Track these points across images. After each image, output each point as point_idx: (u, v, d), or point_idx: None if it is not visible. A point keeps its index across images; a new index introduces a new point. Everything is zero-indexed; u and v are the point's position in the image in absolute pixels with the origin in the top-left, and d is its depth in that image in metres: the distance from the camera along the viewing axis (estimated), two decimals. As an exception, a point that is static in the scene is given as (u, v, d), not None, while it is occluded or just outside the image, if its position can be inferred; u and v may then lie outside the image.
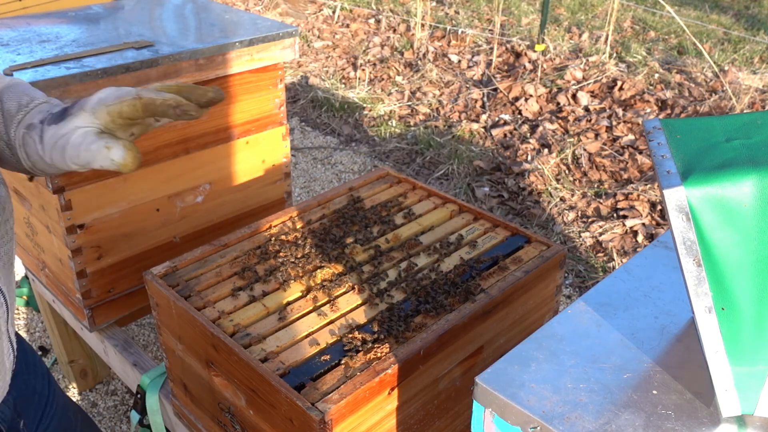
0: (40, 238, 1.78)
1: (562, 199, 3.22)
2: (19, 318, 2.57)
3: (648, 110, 3.86)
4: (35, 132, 0.88)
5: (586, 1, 6.09)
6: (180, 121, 0.90)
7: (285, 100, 1.89)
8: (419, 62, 4.73)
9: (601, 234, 2.97)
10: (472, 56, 4.78)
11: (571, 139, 3.63)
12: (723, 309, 0.72)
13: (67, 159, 0.86)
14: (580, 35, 5.09)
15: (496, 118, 3.95)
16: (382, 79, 4.59)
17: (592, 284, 2.50)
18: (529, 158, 3.51)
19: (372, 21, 5.64)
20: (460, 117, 4.03)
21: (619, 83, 4.08)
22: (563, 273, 1.50)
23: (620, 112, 3.83)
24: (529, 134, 3.76)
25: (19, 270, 2.50)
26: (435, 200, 1.66)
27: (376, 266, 1.42)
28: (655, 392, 0.82)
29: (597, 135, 3.68)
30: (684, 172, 0.70)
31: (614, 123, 3.75)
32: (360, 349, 1.19)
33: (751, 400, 0.76)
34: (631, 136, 3.63)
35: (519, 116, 3.96)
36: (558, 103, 4.02)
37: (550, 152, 3.55)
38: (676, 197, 0.68)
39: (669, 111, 3.86)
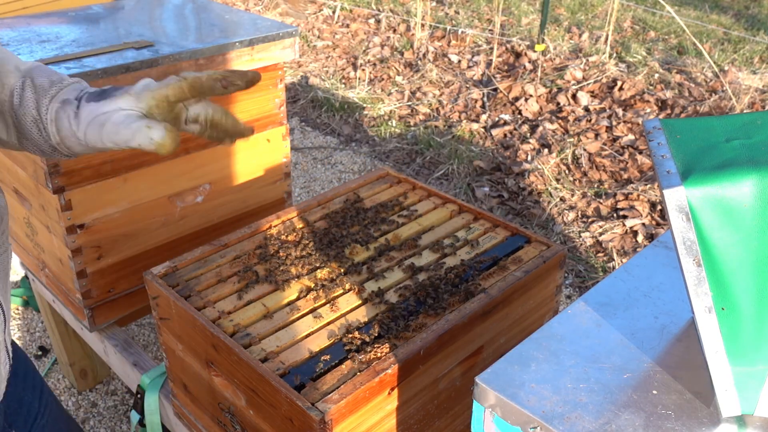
0: (40, 238, 1.78)
1: (562, 199, 3.22)
2: (19, 318, 2.57)
3: (648, 110, 3.86)
4: (70, 107, 0.88)
5: (586, 1, 6.09)
6: (227, 93, 0.92)
7: (285, 100, 1.89)
8: (419, 62, 4.73)
9: (601, 234, 2.97)
10: (472, 56, 4.78)
11: (571, 139, 3.63)
12: (723, 309, 0.72)
13: (104, 136, 0.87)
14: (580, 35, 5.09)
15: (496, 118, 3.95)
16: (382, 79, 4.59)
17: (592, 284, 2.50)
18: (529, 158, 3.51)
19: (372, 21, 5.64)
20: (460, 117, 4.03)
21: (619, 83, 4.08)
22: (563, 273, 1.50)
23: (620, 112, 3.83)
24: (529, 134, 3.76)
25: (19, 270, 2.50)
26: (435, 200, 1.66)
27: (376, 266, 1.42)
28: (655, 392, 0.82)
29: (597, 135, 3.68)
30: (684, 172, 0.70)
31: (614, 123, 3.75)
32: (360, 349, 1.19)
33: (751, 400, 0.76)
34: (631, 136, 3.63)
35: (519, 116, 3.96)
36: (558, 103, 4.02)
37: (550, 152, 3.55)
38: (676, 197, 0.68)
39: (669, 111, 3.86)
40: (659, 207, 3.07)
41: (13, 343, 1.09)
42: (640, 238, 2.91)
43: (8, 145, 0.96)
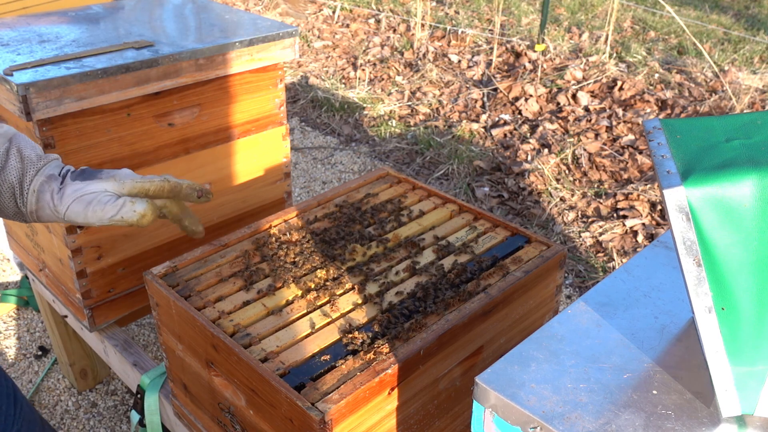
0: (40, 238, 1.78)
1: (562, 199, 3.22)
2: (19, 318, 2.57)
3: (648, 110, 3.86)
4: (55, 183, 0.97)
5: (586, 1, 6.09)
6: (199, 202, 1.10)
7: (285, 100, 1.89)
8: (419, 62, 4.73)
9: (601, 234, 2.97)
10: (472, 56, 4.78)
11: (571, 139, 3.63)
12: (723, 309, 0.72)
13: (89, 213, 0.96)
14: (580, 35, 5.09)
15: (496, 118, 3.95)
16: (382, 79, 4.59)
17: (592, 284, 2.50)
18: (529, 158, 3.51)
19: (372, 21, 5.64)
20: (460, 117, 4.03)
21: (619, 83, 4.08)
22: (563, 273, 1.50)
23: (620, 112, 3.83)
24: (529, 134, 3.76)
25: (19, 270, 2.50)
26: (435, 200, 1.66)
27: (376, 266, 1.42)
28: (655, 392, 0.82)
29: (597, 135, 3.68)
30: (684, 172, 0.70)
31: (614, 123, 3.75)
32: (360, 349, 1.19)
33: (751, 400, 0.76)
34: (631, 136, 3.63)
35: (519, 116, 3.96)
36: (558, 103, 4.02)
37: (550, 152, 3.55)
38: (676, 197, 0.68)
39: (669, 111, 3.86)
40: (659, 207, 3.07)
41: None
42: (640, 238, 2.91)
43: None
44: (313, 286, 1.36)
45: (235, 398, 1.26)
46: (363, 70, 4.71)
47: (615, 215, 3.08)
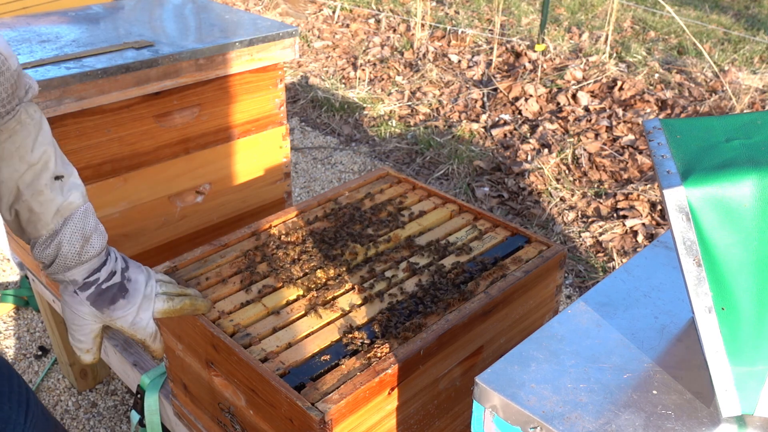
0: (40, 238, 1.77)
1: (562, 199, 3.22)
2: (19, 318, 2.57)
3: (648, 110, 3.86)
4: (72, 286, 1.08)
5: (586, 1, 6.09)
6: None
7: (285, 100, 1.89)
8: (419, 62, 4.73)
9: (601, 234, 2.97)
10: (472, 56, 4.78)
11: (571, 139, 3.63)
12: (723, 309, 0.72)
13: (72, 321, 1.11)
14: (580, 35, 5.09)
15: (496, 118, 3.95)
16: (382, 79, 4.59)
17: (592, 284, 2.50)
18: (529, 158, 3.51)
19: (372, 21, 5.64)
20: (460, 117, 4.03)
21: (619, 83, 4.08)
22: (563, 273, 1.50)
23: (620, 112, 3.83)
24: (529, 134, 3.76)
25: (19, 270, 2.50)
26: (435, 200, 1.66)
27: (376, 266, 1.42)
28: (655, 392, 0.82)
29: (597, 135, 3.68)
30: (684, 172, 0.70)
31: (614, 123, 3.75)
32: (360, 349, 1.19)
33: (751, 400, 0.76)
34: (631, 136, 3.63)
35: (519, 116, 3.96)
36: (558, 103, 4.02)
37: (550, 152, 3.55)
38: (676, 197, 0.68)
39: (669, 111, 3.86)
40: (659, 207, 3.07)
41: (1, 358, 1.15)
42: (640, 238, 2.91)
43: None
44: (313, 286, 1.36)
45: (235, 398, 1.26)
46: (363, 70, 4.71)
47: (615, 215, 3.09)
